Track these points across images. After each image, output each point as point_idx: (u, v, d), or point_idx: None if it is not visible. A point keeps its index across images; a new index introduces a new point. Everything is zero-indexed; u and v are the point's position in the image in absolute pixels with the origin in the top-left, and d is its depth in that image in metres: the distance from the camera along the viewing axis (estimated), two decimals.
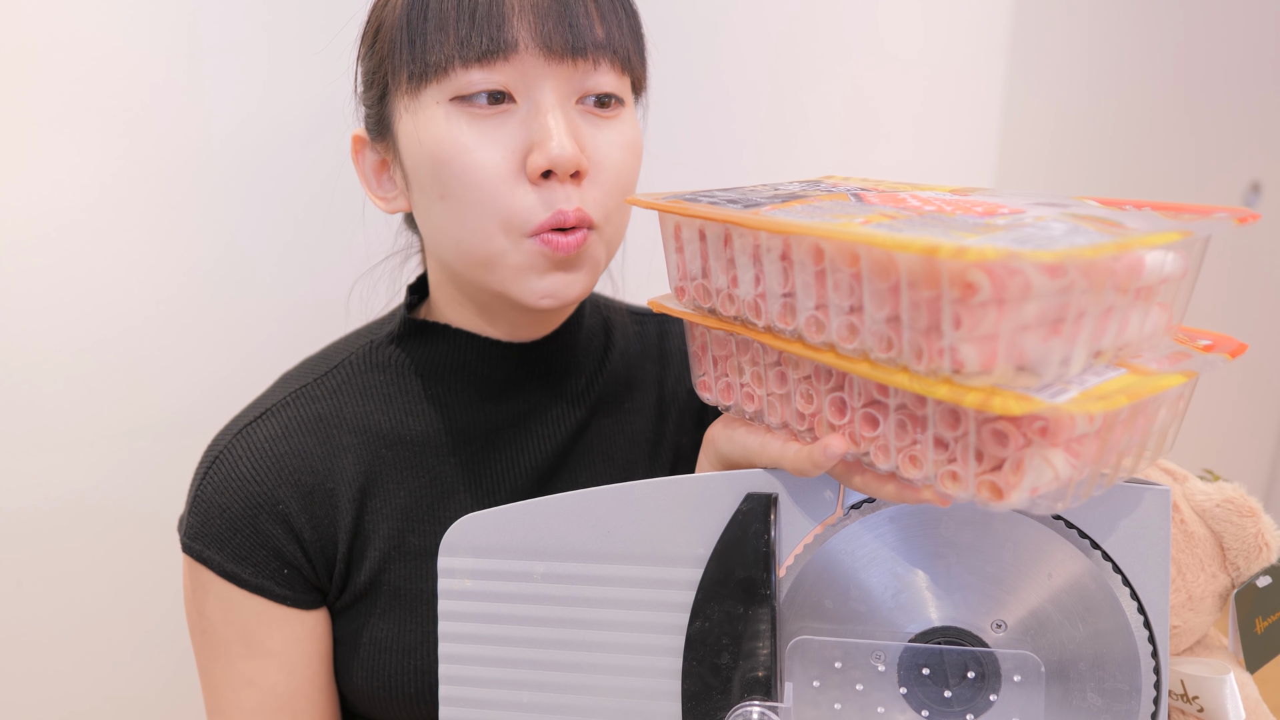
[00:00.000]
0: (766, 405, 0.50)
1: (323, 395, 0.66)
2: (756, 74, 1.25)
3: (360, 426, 0.65)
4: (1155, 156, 1.97)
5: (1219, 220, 0.40)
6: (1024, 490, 0.38)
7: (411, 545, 0.64)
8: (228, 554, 0.61)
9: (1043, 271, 0.36)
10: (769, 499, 0.47)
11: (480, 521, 0.51)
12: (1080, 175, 1.85)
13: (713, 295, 0.48)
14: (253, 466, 0.62)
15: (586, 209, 0.57)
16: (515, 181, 0.56)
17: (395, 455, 0.65)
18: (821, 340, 0.43)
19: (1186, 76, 1.94)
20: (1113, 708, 0.45)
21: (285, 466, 0.62)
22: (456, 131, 0.56)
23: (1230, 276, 2.09)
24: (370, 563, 0.64)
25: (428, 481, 0.65)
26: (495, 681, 0.51)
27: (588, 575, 0.50)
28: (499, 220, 0.57)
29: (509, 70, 0.55)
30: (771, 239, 0.43)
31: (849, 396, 0.45)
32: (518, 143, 0.56)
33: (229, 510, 0.61)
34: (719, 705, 0.47)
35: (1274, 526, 0.54)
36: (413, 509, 0.65)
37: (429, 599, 0.64)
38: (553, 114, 0.56)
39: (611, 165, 0.58)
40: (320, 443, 0.64)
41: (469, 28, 0.55)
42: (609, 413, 0.72)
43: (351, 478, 0.64)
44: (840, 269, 0.41)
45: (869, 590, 0.46)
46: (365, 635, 0.64)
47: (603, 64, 0.57)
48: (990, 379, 0.37)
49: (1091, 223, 0.39)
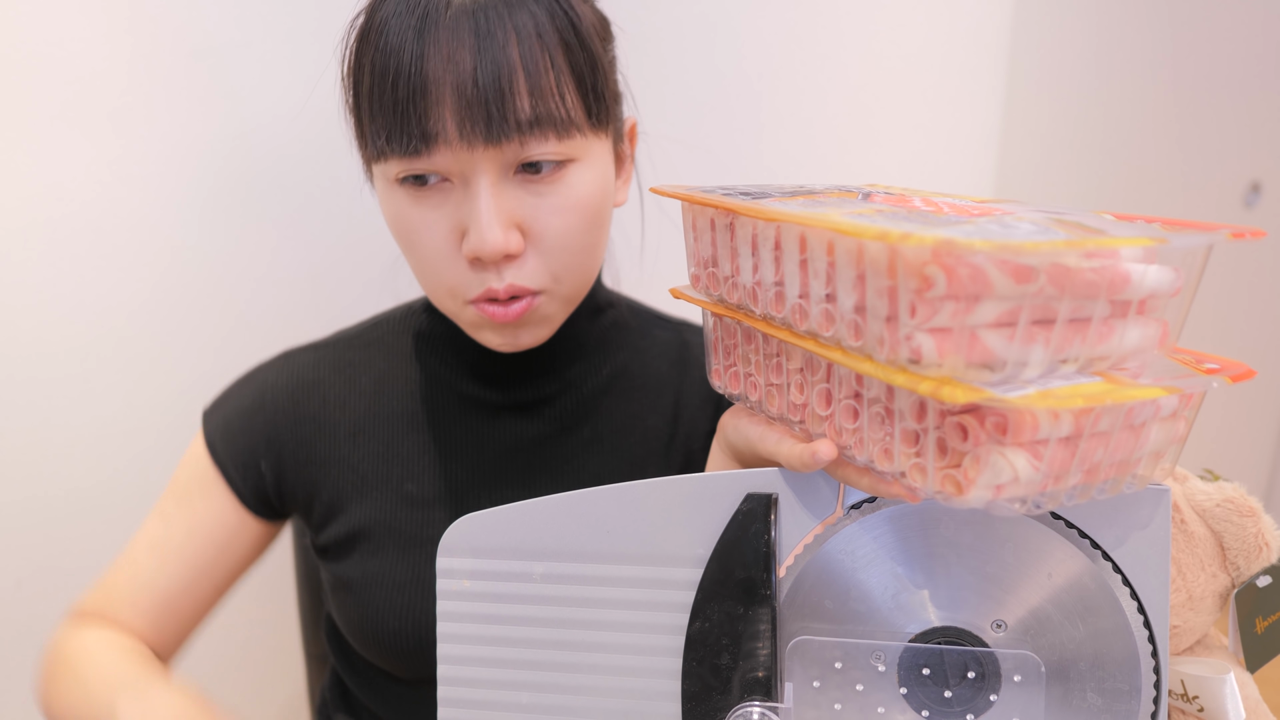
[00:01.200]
0: (765, 395, 0.50)
1: (358, 345, 0.74)
2: (756, 76, 1.25)
3: (381, 378, 0.72)
4: (1155, 156, 1.97)
5: (1200, 234, 0.39)
6: (982, 487, 0.39)
7: (409, 492, 0.69)
8: (219, 430, 0.71)
9: (1006, 272, 0.37)
10: (769, 499, 0.47)
11: (479, 522, 0.51)
12: (1080, 176, 1.86)
13: (721, 283, 0.50)
14: (283, 381, 0.72)
15: (524, 282, 0.59)
16: (453, 258, 0.59)
17: (405, 409, 0.71)
18: (805, 328, 0.44)
19: (1186, 77, 1.94)
20: (1113, 708, 0.45)
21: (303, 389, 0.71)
22: (403, 209, 0.59)
23: (1231, 277, 2.09)
24: (367, 504, 0.69)
25: (432, 438, 0.70)
26: (494, 682, 0.51)
27: (587, 575, 0.50)
28: (445, 289, 0.61)
29: (437, 159, 0.56)
30: (766, 228, 0.45)
31: (834, 388, 0.45)
32: (455, 222, 0.58)
33: (244, 402, 0.71)
34: (719, 706, 0.47)
35: (1274, 526, 0.54)
36: (416, 459, 0.70)
37: (422, 544, 0.69)
38: (482, 199, 0.56)
39: (554, 233, 0.59)
40: (343, 381, 0.72)
41: (393, 122, 0.55)
42: (621, 406, 0.74)
43: (358, 418, 0.71)
44: (819, 257, 0.42)
45: (869, 590, 0.46)
46: (359, 571, 0.69)
47: (532, 140, 0.56)
48: (945, 370, 0.37)
49: (1070, 228, 0.39)
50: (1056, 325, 0.39)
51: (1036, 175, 1.74)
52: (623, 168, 0.68)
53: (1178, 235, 0.39)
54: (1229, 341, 2.19)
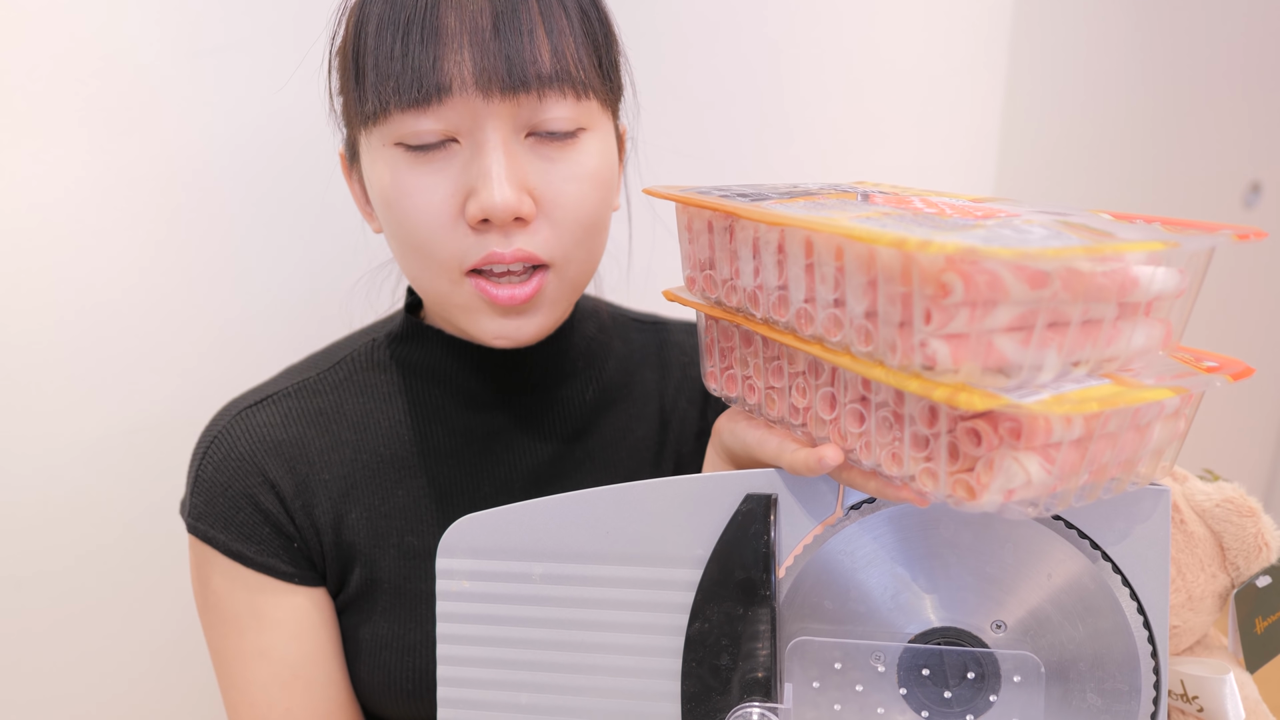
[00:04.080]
0: (765, 399, 0.50)
1: (325, 390, 0.66)
2: (756, 77, 1.25)
3: (360, 424, 0.65)
4: (1155, 157, 1.97)
5: (1208, 236, 0.39)
6: (995, 491, 0.39)
7: (410, 545, 0.65)
8: (232, 533, 0.61)
9: (1021, 278, 0.37)
10: (769, 499, 0.47)
11: (479, 522, 0.51)
12: (1080, 176, 1.86)
13: (718, 286, 0.49)
14: (251, 448, 0.62)
15: (535, 250, 0.55)
16: (454, 226, 0.55)
17: (394, 454, 0.65)
18: (810, 333, 0.43)
19: (1186, 77, 1.94)
20: (1112, 708, 0.45)
21: (283, 453, 0.62)
22: (399, 175, 0.55)
23: (1231, 277, 2.09)
24: (369, 561, 0.64)
25: (425, 482, 0.65)
26: (494, 683, 0.51)
27: (587, 576, 0.50)
28: (438, 263, 0.56)
29: (446, 112, 0.52)
30: (769, 231, 0.44)
31: (838, 392, 0.45)
32: (458, 186, 0.54)
33: (230, 488, 0.61)
34: (719, 706, 0.47)
35: (1274, 526, 0.54)
36: (411, 508, 0.65)
37: (428, 599, 0.64)
38: (493, 156, 0.53)
39: (567, 202, 0.56)
40: (320, 434, 0.64)
41: (400, 70, 0.52)
42: (609, 420, 0.71)
43: (348, 473, 0.64)
44: (827, 262, 0.41)
45: (869, 591, 0.46)
46: (366, 632, 0.64)
47: (550, 95, 0.53)
48: (960, 376, 0.37)
49: (1080, 231, 0.39)
50: (1070, 329, 0.38)
51: (1036, 175, 1.74)
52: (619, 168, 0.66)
53: (1188, 238, 0.39)
54: (1229, 341, 2.19)
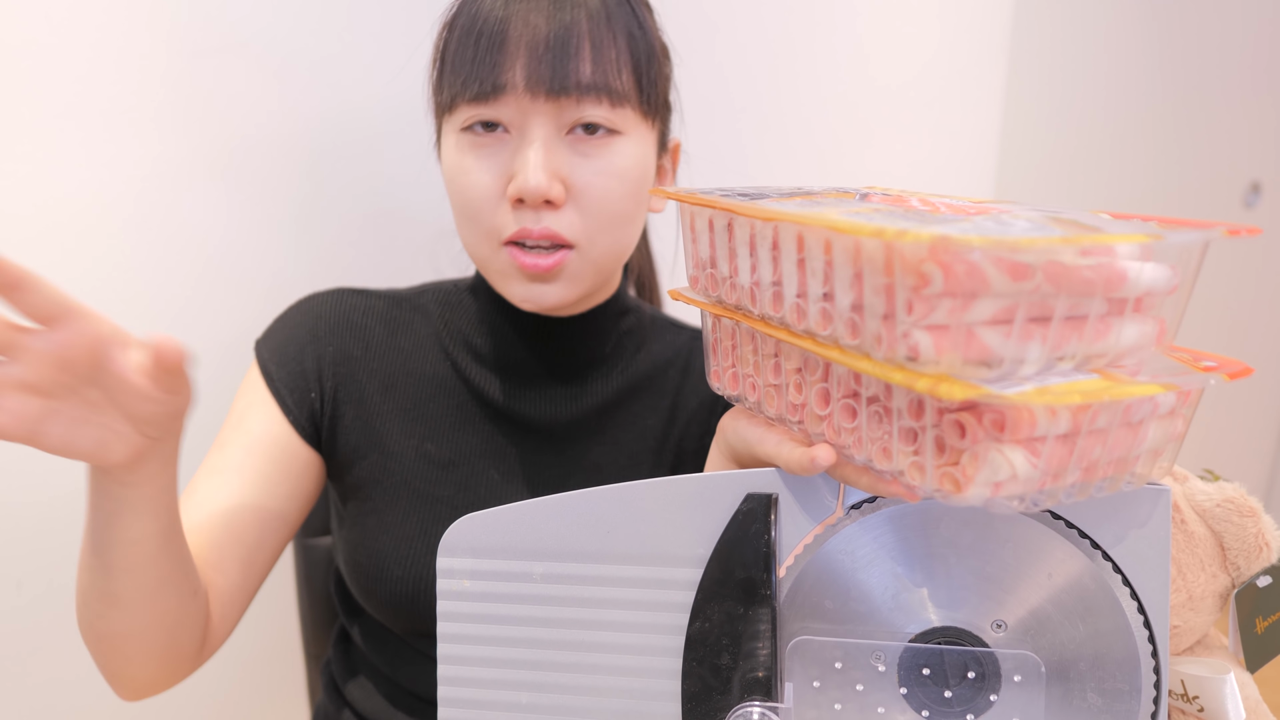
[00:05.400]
0: (764, 396, 0.50)
1: (405, 306, 0.79)
2: (755, 78, 1.25)
3: (420, 341, 0.77)
4: (1155, 157, 1.97)
5: (1196, 231, 0.39)
6: (981, 484, 0.39)
7: (428, 451, 0.74)
8: (274, 356, 0.74)
9: (1002, 270, 0.37)
10: (769, 499, 0.47)
11: (479, 522, 0.51)
12: (1080, 176, 1.86)
13: (719, 284, 0.50)
14: (329, 310, 0.76)
15: (560, 230, 0.65)
16: (498, 202, 0.66)
17: (436, 373, 0.76)
18: (803, 328, 0.44)
19: (1186, 77, 1.95)
20: (1113, 708, 0.45)
21: (349, 331, 0.75)
22: (461, 156, 0.67)
23: (1231, 278, 2.09)
24: (388, 453, 0.73)
25: (455, 405, 0.76)
26: (494, 682, 0.51)
27: (587, 576, 0.50)
28: (483, 231, 0.67)
29: (502, 107, 0.64)
30: (764, 228, 0.45)
31: (832, 388, 0.46)
32: (505, 169, 0.65)
33: (296, 328, 0.75)
34: (719, 706, 0.47)
35: (1274, 526, 0.54)
36: (438, 422, 0.75)
37: (432, 503, 0.73)
38: (534, 147, 0.64)
39: (594, 192, 0.66)
40: (387, 334, 0.77)
41: (470, 72, 0.64)
42: (630, 405, 0.78)
43: (393, 371, 0.75)
44: (816, 256, 0.42)
45: (869, 590, 0.46)
46: (372, 517, 0.73)
47: (588, 101, 0.64)
48: (943, 367, 0.37)
49: (1065, 225, 0.39)
50: (1053, 322, 0.39)
51: (1036, 176, 1.74)
52: (662, 179, 0.76)
53: (1173, 232, 0.39)
54: (1229, 341, 2.19)
